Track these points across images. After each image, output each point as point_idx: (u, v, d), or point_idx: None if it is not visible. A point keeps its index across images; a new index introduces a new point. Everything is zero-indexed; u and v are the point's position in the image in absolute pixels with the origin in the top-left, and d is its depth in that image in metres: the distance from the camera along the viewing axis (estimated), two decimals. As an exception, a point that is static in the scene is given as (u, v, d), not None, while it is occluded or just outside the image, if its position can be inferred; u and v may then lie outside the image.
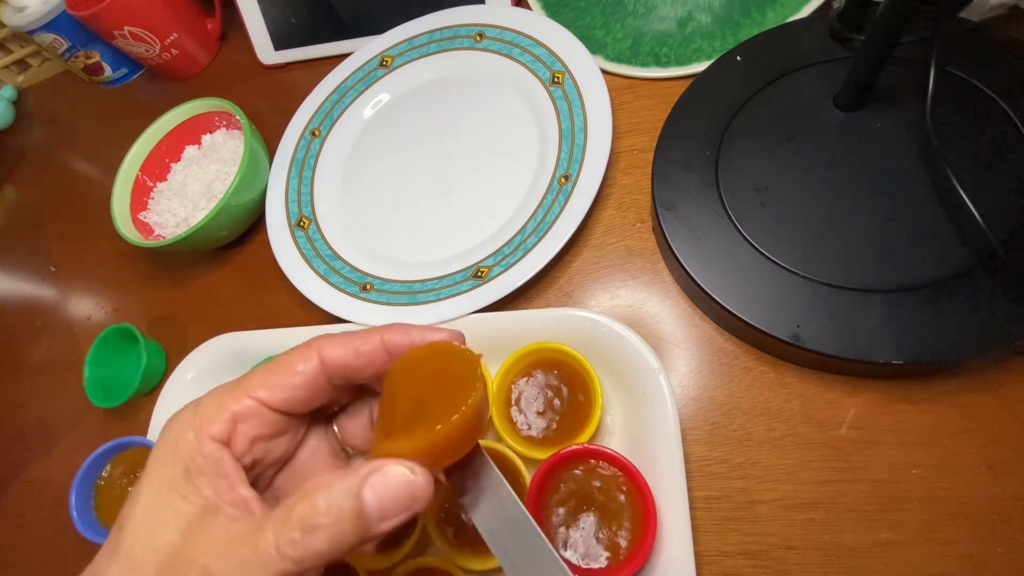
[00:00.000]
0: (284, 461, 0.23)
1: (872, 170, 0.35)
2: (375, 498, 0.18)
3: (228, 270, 0.54)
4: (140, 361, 0.48)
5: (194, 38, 0.68)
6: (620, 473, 0.32)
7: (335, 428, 0.24)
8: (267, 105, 0.62)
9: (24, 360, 0.58)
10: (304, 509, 0.18)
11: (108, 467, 0.43)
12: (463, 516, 0.34)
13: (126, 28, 0.62)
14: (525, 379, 0.37)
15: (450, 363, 0.22)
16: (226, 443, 0.20)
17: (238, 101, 0.55)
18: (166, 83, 0.71)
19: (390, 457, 0.20)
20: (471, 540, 0.34)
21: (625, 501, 0.32)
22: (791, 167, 0.37)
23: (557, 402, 0.36)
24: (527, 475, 0.34)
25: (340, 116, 0.55)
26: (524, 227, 0.43)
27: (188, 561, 0.18)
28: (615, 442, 0.35)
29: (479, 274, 0.42)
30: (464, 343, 0.23)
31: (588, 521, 0.32)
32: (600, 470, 0.33)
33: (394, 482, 0.19)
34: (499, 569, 0.33)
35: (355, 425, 0.24)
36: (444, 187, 0.49)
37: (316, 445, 0.23)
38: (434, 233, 0.47)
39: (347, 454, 0.24)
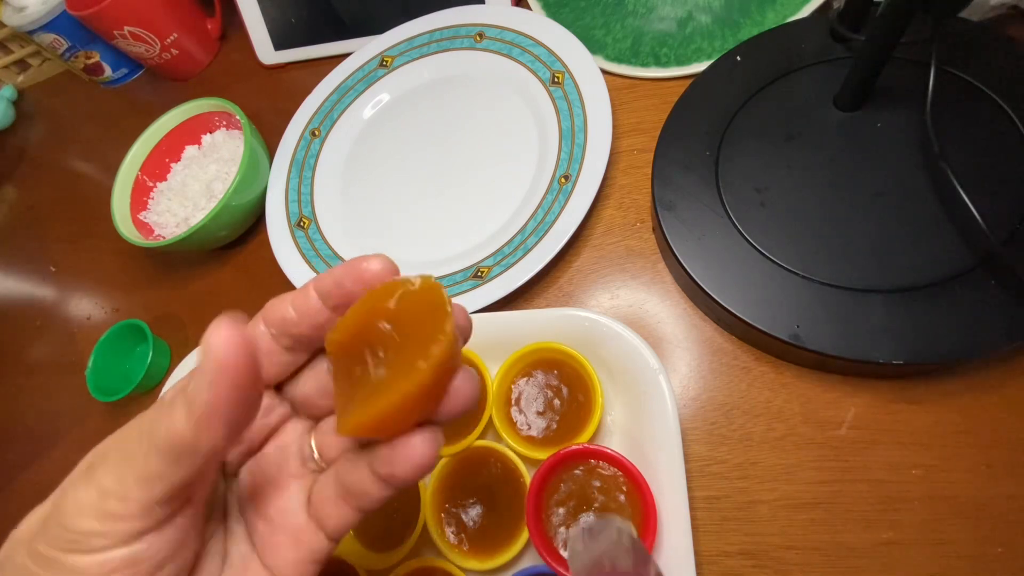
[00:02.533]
0: (253, 450, 0.22)
1: (872, 170, 0.35)
2: None
3: (228, 270, 0.54)
4: (146, 358, 0.48)
5: (194, 38, 0.68)
6: (620, 473, 0.32)
7: (312, 443, 0.22)
8: (267, 105, 0.62)
9: (24, 360, 0.58)
10: None
11: (108, 467, 0.43)
12: (462, 516, 0.34)
13: (126, 28, 0.62)
14: (525, 379, 0.37)
15: (401, 299, 0.18)
16: None
17: (238, 101, 0.55)
18: (166, 83, 0.71)
19: (353, 435, 0.17)
20: (471, 540, 0.34)
21: (625, 501, 0.32)
22: (791, 167, 0.37)
23: (557, 402, 0.36)
24: (527, 475, 0.34)
25: (340, 116, 0.55)
26: (524, 227, 0.43)
27: None
28: (615, 442, 0.35)
29: (479, 274, 0.42)
30: (397, 272, 0.20)
31: (588, 521, 0.32)
32: (600, 470, 0.33)
33: None
34: (499, 569, 0.33)
35: (335, 444, 0.21)
36: (444, 187, 0.49)
37: (286, 443, 0.22)
38: (434, 233, 0.47)
39: (316, 464, 0.22)
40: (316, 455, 0.21)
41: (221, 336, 0.15)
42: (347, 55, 0.57)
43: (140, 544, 0.16)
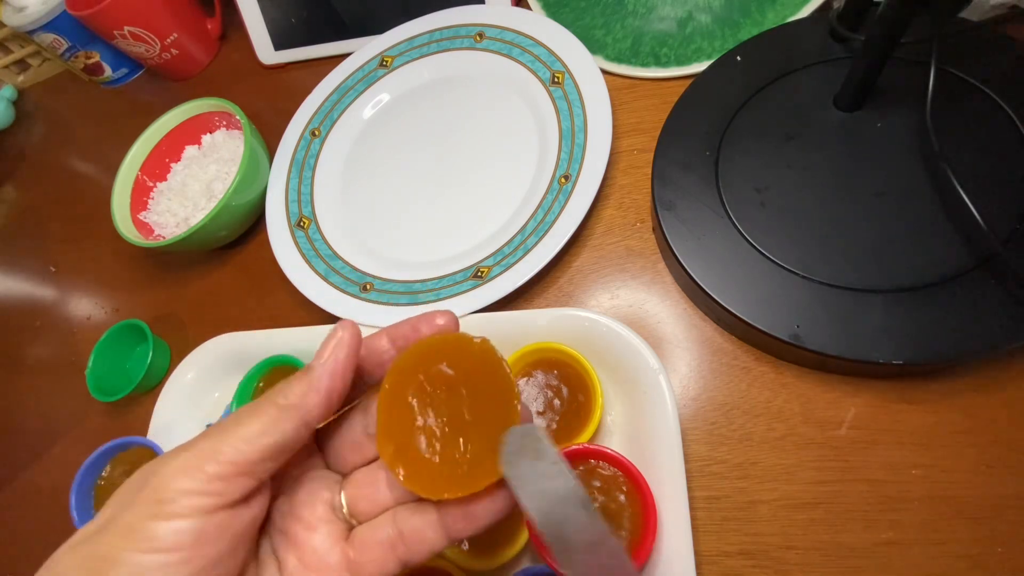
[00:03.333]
0: (282, 486, 0.23)
1: (872, 170, 0.35)
2: None
3: (228, 270, 0.54)
4: (146, 358, 0.48)
5: (194, 38, 0.68)
6: (620, 473, 0.32)
7: (342, 497, 0.23)
8: (267, 105, 0.62)
9: (24, 360, 0.58)
10: None
11: (108, 467, 0.43)
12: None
13: (126, 28, 0.62)
14: (525, 379, 0.37)
15: (465, 362, 0.21)
16: None
17: (238, 101, 0.55)
18: (166, 83, 0.71)
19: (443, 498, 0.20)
20: (471, 540, 0.34)
21: (625, 501, 0.32)
22: (791, 167, 0.37)
23: (557, 402, 0.36)
24: (527, 475, 0.34)
25: (340, 116, 0.55)
26: (524, 227, 0.43)
27: None
28: (615, 442, 0.35)
29: (479, 274, 0.42)
30: (458, 324, 0.23)
31: (588, 521, 0.32)
32: (600, 470, 0.33)
33: None
34: (499, 570, 0.33)
35: (367, 498, 0.23)
36: (444, 187, 0.49)
37: (316, 489, 0.23)
38: (434, 233, 0.47)
39: (345, 517, 0.23)
40: (345, 509, 0.23)
41: (349, 325, 0.21)
42: (347, 55, 0.57)
43: (212, 519, 0.18)
